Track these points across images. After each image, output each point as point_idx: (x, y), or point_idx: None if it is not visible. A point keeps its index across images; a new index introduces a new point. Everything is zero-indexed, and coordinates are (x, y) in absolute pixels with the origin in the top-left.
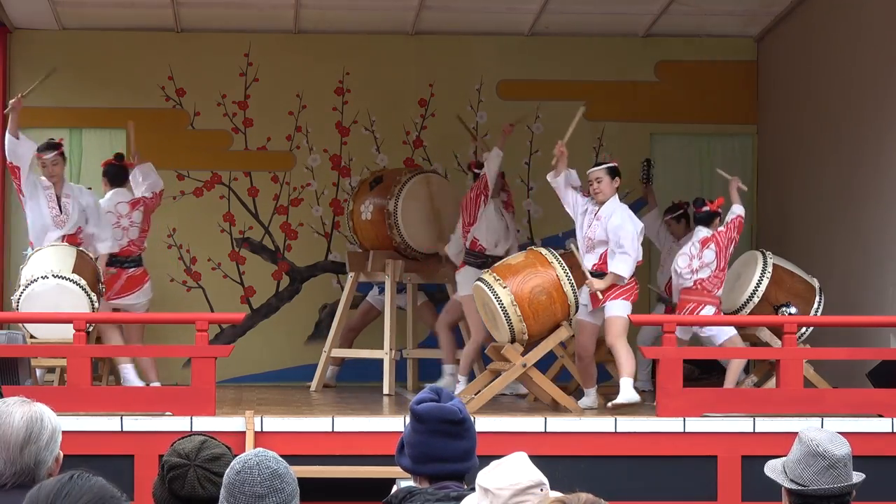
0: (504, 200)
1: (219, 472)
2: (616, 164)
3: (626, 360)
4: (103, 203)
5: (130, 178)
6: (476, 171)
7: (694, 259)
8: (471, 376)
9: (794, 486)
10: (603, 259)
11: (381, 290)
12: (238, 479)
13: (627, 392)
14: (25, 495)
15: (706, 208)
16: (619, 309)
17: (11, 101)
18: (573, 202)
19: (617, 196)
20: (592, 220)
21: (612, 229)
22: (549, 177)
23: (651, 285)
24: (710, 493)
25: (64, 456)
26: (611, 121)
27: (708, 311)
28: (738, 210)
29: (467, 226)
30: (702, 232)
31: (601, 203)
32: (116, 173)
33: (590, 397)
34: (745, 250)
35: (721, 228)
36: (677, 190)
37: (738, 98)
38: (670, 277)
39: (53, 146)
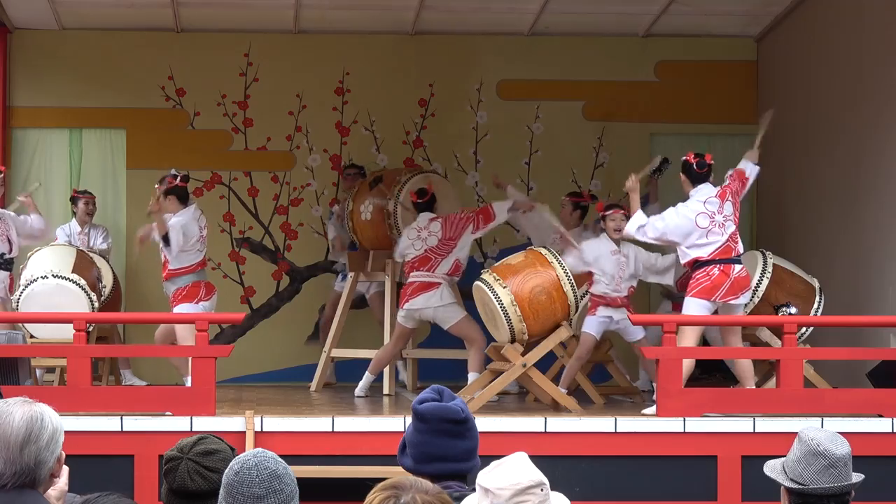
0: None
1: (210, 467)
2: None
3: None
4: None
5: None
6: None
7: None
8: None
9: (794, 486)
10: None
11: (344, 278)
12: (237, 480)
13: None
14: (27, 494)
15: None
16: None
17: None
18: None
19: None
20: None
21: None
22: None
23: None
24: (710, 493)
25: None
26: (611, 121)
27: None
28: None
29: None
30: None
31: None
32: None
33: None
34: (746, 250)
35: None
36: (677, 190)
37: (738, 98)
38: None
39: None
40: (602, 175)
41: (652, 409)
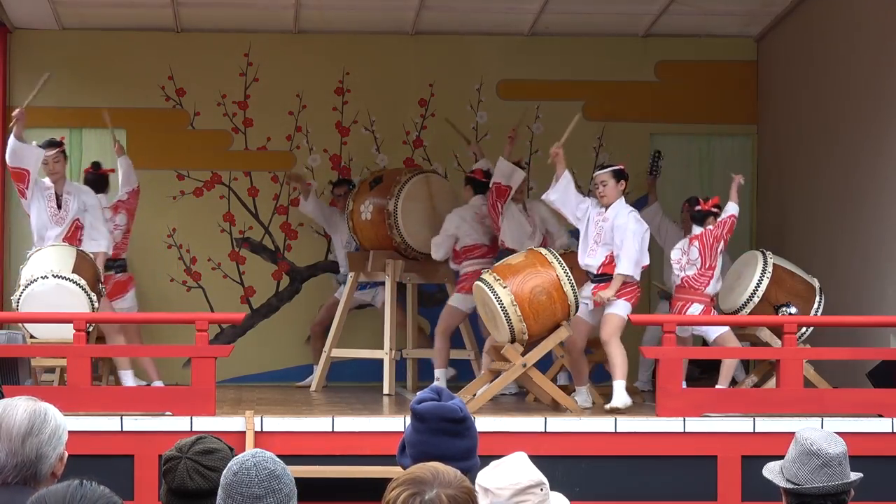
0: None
1: (209, 466)
2: (622, 168)
3: (619, 361)
4: None
5: (118, 167)
6: (484, 180)
7: (683, 255)
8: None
9: (789, 486)
10: (609, 260)
11: (343, 285)
12: (235, 480)
13: (621, 396)
14: (28, 492)
15: (699, 207)
16: (618, 308)
17: (15, 113)
18: (575, 209)
19: (623, 199)
20: (599, 221)
21: (616, 229)
22: (547, 196)
23: (656, 282)
24: (710, 493)
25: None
26: (611, 121)
27: (695, 308)
28: (731, 209)
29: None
30: (695, 229)
31: (607, 206)
32: (95, 181)
33: (581, 395)
34: (745, 250)
35: (710, 227)
36: (677, 190)
37: (738, 98)
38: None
39: (55, 144)
40: None
41: (616, 403)
